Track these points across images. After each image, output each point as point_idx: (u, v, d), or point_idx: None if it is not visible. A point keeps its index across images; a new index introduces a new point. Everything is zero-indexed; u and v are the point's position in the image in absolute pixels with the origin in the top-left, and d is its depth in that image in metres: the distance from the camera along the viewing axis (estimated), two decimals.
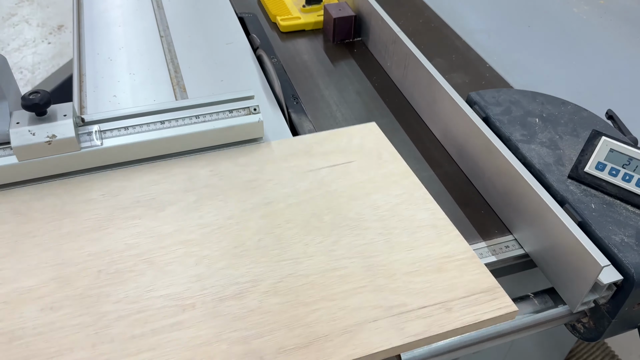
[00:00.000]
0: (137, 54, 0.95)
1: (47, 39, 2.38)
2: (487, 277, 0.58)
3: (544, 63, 1.00)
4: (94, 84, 0.88)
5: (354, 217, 0.65)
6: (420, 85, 0.85)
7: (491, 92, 0.79)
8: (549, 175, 0.67)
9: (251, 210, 0.66)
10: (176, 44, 0.98)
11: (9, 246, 0.61)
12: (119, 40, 0.99)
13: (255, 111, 0.76)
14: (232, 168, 0.72)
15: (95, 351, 0.50)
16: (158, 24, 1.04)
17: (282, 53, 1.01)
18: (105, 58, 0.94)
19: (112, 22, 1.04)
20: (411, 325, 0.53)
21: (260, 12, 1.14)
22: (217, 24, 1.05)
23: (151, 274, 0.58)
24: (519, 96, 0.79)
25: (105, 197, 0.67)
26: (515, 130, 0.73)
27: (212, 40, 1.00)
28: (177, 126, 0.73)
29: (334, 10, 1.02)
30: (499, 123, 0.74)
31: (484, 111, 0.76)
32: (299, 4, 1.11)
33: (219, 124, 0.74)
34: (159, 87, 0.87)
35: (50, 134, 0.66)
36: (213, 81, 0.89)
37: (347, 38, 1.04)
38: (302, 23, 1.07)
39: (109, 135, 0.70)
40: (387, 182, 0.70)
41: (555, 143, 0.72)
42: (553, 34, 1.08)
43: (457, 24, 1.09)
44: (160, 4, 1.11)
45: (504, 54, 1.00)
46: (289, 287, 0.57)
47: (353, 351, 0.51)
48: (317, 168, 0.72)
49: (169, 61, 0.94)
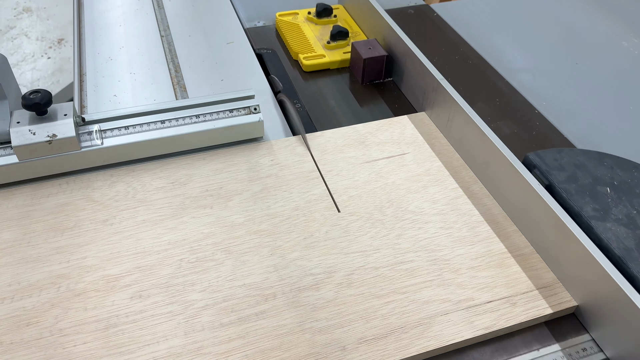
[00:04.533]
0: (138, 54, 0.96)
1: (46, 53, 2.28)
2: (547, 272, 0.61)
3: (598, 109, 0.89)
4: (95, 84, 0.88)
5: (414, 210, 0.68)
6: (468, 141, 0.74)
7: (552, 153, 0.70)
8: (631, 264, 0.56)
9: (315, 201, 0.68)
10: (177, 43, 0.98)
11: (88, 234, 0.63)
12: (120, 39, 0.99)
13: (256, 111, 0.77)
14: (291, 157, 0.74)
15: (188, 339, 0.53)
16: (158, 24, 1.04)
17: (306, 96, 0.90)
18: (106, 57, 0.95)
19: (112, 21, 1.04)
20: (480, 319, 0.57)
21: (280, 46, 1.02)
22: (218, 23, 1.05)
23: (230, 263, 0.60)
24: (583, 158, 0.69)
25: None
26: (585, 203, 0.63)
27: (213, 39, 1.00)
28: (177, 126, 0.74)
29: (363, 49, 0.91)
30: (565, 194, 0.64)
31: (546, 177, 0.67)
32: (322, 39, 0.99)
33: (220, 123, 0.75)
34: (160, 87, 0.88)
35: (51, 134, 0.67)
36: (213, 81, 0.90)
37: (377, 79, 0.94)
38: (327, 62, 0.95)
39: (109, 135, 0.71)
40: (443, 175, 0.73)
41: (633, 221, 0.61)
42: (603, 72, 0.97)
43: (497, 60, 0.99)
44: (161, 4, 1.10)
45: (553, 98, 0.91)
46: (361, 279, 0.60)
47: (428, 343, 0.54)
48: (374, 159, 0.75)
49: (170, 61, 0.94)
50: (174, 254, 0.61)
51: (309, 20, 1.04)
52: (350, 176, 0.72)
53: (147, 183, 0.70)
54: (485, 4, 1.17)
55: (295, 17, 1.05)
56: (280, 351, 0.53)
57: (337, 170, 0.73)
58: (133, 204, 0.67)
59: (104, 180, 0.70)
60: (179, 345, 0.53)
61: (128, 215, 0.65)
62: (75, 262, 0.60)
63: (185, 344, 0.53)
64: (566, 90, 0.93)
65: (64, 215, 0.65)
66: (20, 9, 2.63)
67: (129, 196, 0.68)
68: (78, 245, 0.62)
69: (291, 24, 1.03)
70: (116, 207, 0.66)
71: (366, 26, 1.01)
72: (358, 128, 0.80)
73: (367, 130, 0.80)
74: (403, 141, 0.78)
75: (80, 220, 0.65)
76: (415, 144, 0.77)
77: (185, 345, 0.53)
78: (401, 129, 0.80)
